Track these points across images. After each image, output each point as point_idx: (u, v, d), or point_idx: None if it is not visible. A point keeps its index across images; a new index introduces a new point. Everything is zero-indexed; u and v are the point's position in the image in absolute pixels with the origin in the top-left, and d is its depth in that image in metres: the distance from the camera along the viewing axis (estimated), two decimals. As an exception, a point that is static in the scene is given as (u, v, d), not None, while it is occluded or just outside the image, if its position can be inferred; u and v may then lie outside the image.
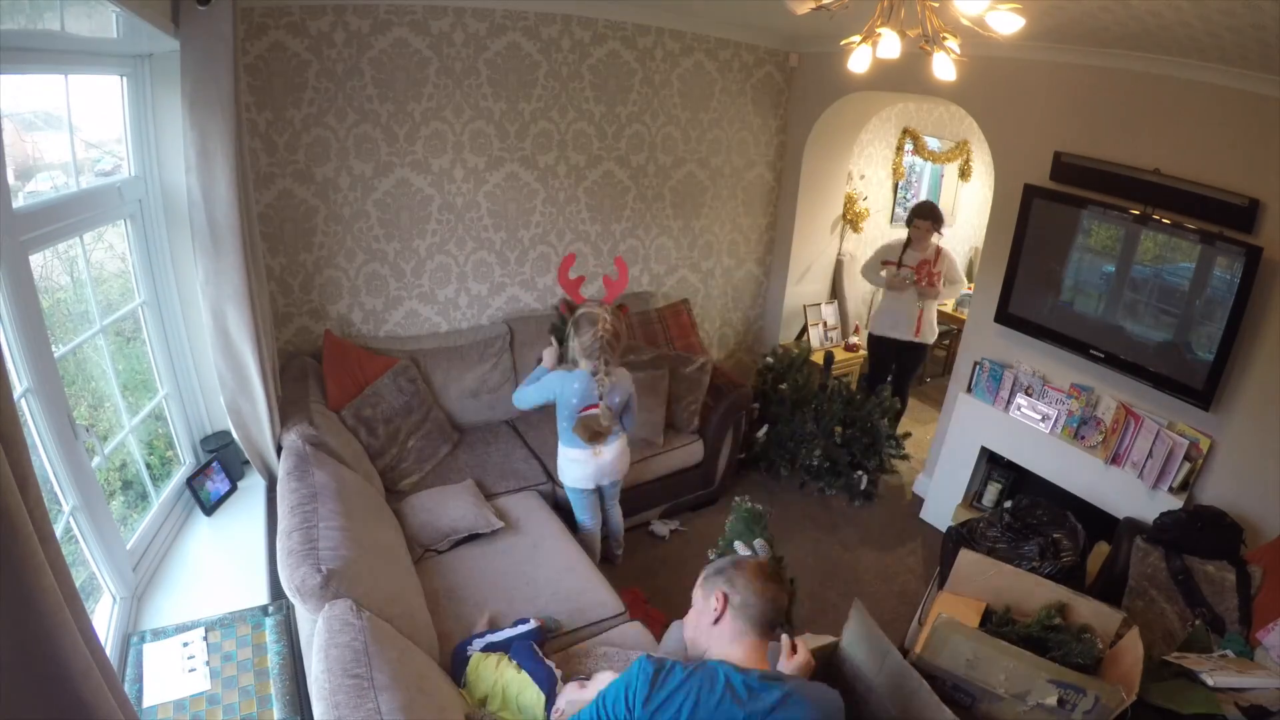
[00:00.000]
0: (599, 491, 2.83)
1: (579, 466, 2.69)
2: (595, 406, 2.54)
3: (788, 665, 1.49)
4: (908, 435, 3.87)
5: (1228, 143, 2.42)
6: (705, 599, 1.43)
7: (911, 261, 3.84)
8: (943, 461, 3.58)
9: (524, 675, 1.87)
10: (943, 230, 3.87)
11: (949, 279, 3.87)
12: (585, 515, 2.85)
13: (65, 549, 1.25)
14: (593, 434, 2.58)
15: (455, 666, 1.97)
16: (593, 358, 2.50)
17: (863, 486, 3.68)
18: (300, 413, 2.50)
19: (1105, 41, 2.54)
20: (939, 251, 3.84)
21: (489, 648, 1.99)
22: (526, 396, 2.63)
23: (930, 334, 3.97)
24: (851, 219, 4.76)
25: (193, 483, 2.31)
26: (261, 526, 2.29)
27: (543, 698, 1.82)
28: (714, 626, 1.39)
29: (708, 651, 1.39)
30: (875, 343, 4.08)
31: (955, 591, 2.38)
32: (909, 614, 2.84)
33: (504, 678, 1.88)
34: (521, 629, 2.07)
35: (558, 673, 1.92)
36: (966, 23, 1.73)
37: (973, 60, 2.42)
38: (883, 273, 3.85)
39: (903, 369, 4.08)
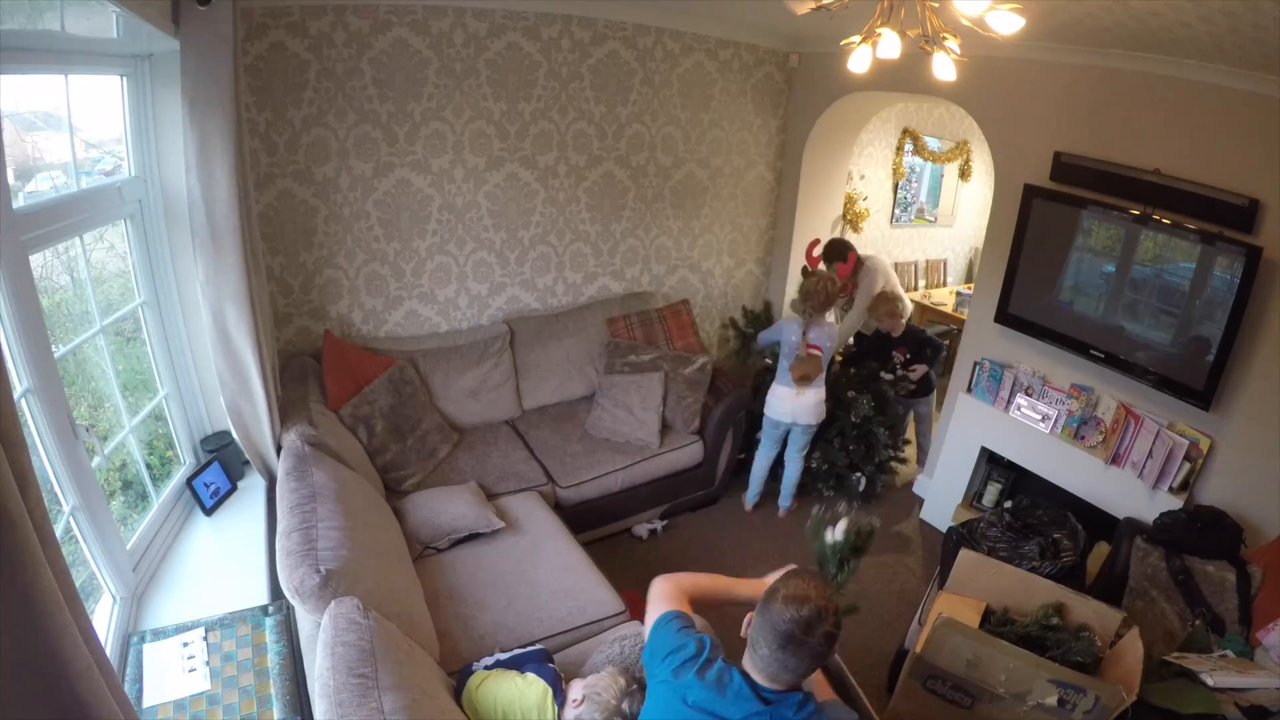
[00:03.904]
0: (786, 434, 3.38)
1: (780, 402, 3.27)
2: (814, 348, 3.12)
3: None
4: (907, 442, 3.87)
5: (1228, 143, 2.42)
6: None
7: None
8: (943, 461, 3.58)
9: (526, 677, 1.84)
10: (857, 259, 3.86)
11: (863, 291, 3.85)
12: (762, 451, 3.49)
13: (65, 549, 1.25)
14: (801, 375, 3.14)
15: (460, 683, 1.93)
16: (800, 305, 3.15)
17: (861, 489, 3.68)
18: (300, 413, 2.51)
19: (1105, 41, 2.54)
20: (860, 266, 3.86)
21: (495, 664, 1.94)
22: (763, 336, 3.45)
23: (902, 326, 3.85)
24: (851, 219, 4.77)
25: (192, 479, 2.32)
26: (261, 526, 2.29)
27: (549, 692, 1.78)
28: (745, 638, 1.38)
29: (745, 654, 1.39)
30: (859, 336, 4.09)
31: (955, 591, 2.38)
32: (909, 614, 2.84)
33: (503, 695, 1.80)
34: (530, 650, 2.05)
35: (561, 674, 1.90)
36: (966, 23, 1.73)
37: (973, 60, 2.42)
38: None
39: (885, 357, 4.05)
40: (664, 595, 1.55)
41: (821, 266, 3.60)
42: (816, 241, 3.59)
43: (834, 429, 3.62)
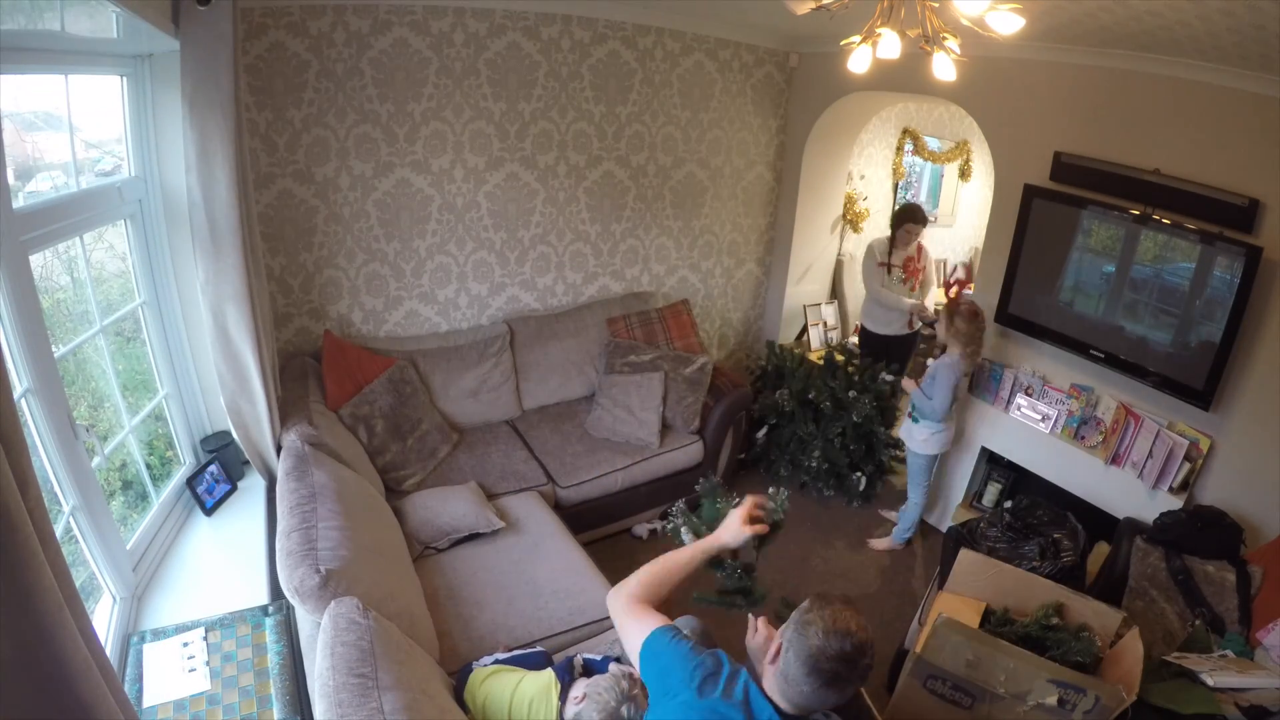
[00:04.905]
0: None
1: (945, 435, 3.17)
2: None
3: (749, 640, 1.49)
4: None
5: (1228, 143, 2.42)
6: (779, 632, 1.32)
7: (899, 260, 3.95)
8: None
9: (521, 672, 1.84)
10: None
11: (926, 278, 4.04)
12: (923, 483, 3.33)
13: (65, 549, 1.25)
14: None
15: (460, 682, 1.94)
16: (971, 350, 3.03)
17: (861, 488, 3.68)
18: (300, 413, 2.51)
19: (1105, 41, 2.54)
20: (920, 248, 3.99)
21: (495, 664, 1.95)
22: (943, 401, 3.02)
23: (918, 322, 4.12)
24: (851, 219, 4.76)
25: (192, 482, 2.31)
26: (261, 526, 2.29)
27: (555, 683, 1.77)
28: (770, 664, 1.32)
29: (763, 677, 1.34)
30: (868, 336, 4.10)
31: (955, 591, 2.37)
32: (909, 614, 2.84)
33: (509, 684, 1.81)
34: (530, 652, 2.05)
35: (575, 668, 1.89)
36: (966, 23, 1.73)
37: (973, 60, 2.42)
38: (909, 302, 3.93)
39: (898, 358, 4.07)
40: (634, 612, 1.46)
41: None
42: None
43: (835, 428, 3.62)
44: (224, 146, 1.94)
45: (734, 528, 1.58)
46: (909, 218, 3.87)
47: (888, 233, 4.01)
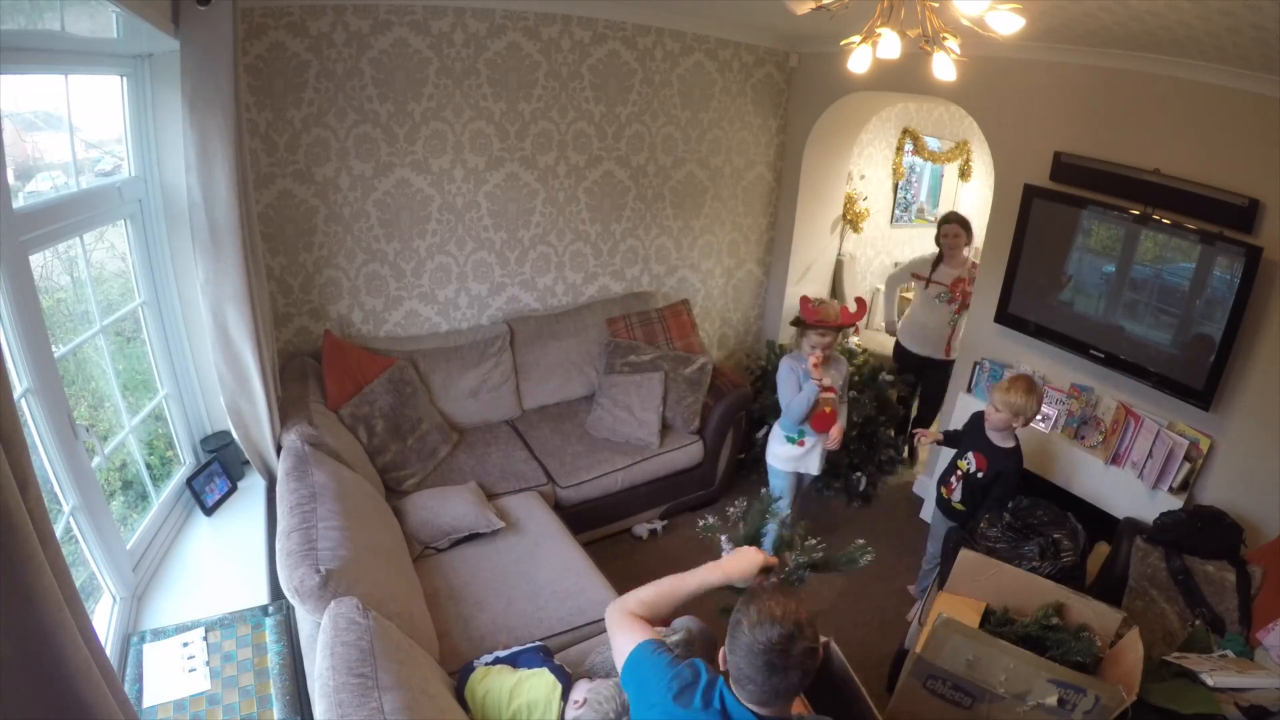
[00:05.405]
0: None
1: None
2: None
3: None
4: (910, 449, 3.86)
5: (1228, 143, 2.42)
6: (725, 644, 1.33)
7: (945, 279, 3.69)
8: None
9: (534, 670, 1.85)
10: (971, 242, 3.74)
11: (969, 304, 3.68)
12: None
13: (65, 549, 1.26)
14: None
15: (461, 681, 1.94)
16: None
17: (861, 488, 3.68)
18: (300, 413, 2.51)
19: (1105, 41, 2.54)
20: (973, 267, 3.66)
21: (495, 661, 1.96)
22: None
23: (957, 351, 3.74)
24: (851, 219, 4.77)
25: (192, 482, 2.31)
26: (261, 526, 2.29)
27: (558, 686, 1.78)
28: (728, 675, 1.33)
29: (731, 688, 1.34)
30: (903, 353, 3.99)
31: (955, 591, 2.37)
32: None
33: (509, 685, 1.81)
34: (529, 645, 2.05)
35: (569, 670, 1.90)
36: (966, 23, 1.73)
37: (973, 60, 2.42)
38: (909, 291, 3.66)
39: (932, 386, 3.93)
40: (626, 625, 1.47)
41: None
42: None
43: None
44: (224, 146, 1.94)
45: (746, 567, 1.56)
46: (950, 217, 3.65)
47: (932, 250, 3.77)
